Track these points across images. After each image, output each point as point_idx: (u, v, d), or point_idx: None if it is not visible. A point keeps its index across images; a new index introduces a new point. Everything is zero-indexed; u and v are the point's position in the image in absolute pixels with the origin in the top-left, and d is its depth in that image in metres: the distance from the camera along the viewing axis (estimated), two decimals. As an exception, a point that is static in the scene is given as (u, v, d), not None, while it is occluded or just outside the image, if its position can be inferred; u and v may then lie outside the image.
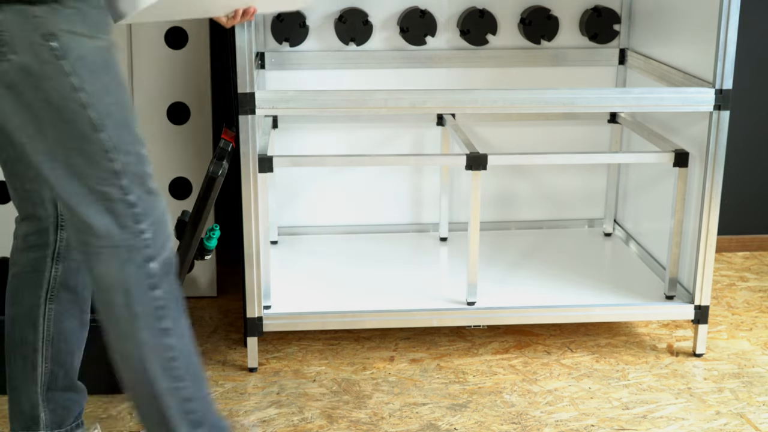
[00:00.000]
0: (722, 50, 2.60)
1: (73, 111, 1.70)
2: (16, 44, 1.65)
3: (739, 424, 2.47)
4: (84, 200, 1.75)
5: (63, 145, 1.72)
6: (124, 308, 1.79)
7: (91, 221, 1.76)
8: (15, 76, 1.67)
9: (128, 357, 1.81)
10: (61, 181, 1.74)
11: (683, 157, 2.74)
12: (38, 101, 1.69)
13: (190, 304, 3.18)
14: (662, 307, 2.81)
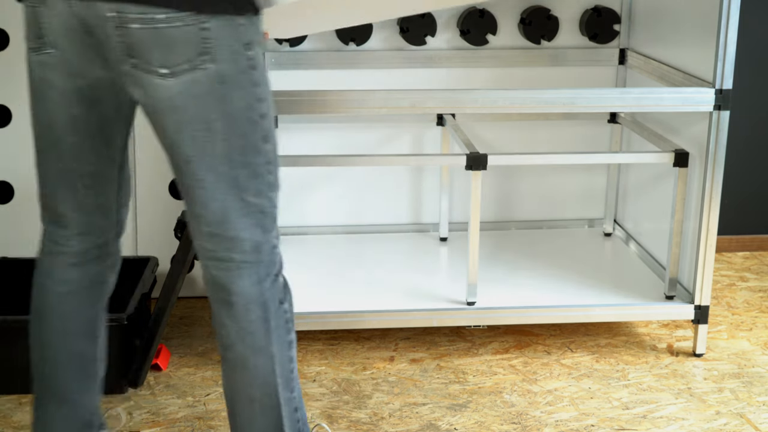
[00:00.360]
0: (722, 50, 2.60)
1: (252, 122, 1.72)
2: (218, 53, 1.65)
3: (739, 424, 2.47)
4: (239, 214, 1.75)
5: (230, 159, 1.72)
6: (262, 322, 1.80)
7: (243, 236, 1.76)
8: (207, 86, 1.66)
9: (258, 368, 1.82)
10: (222, 195, 1.73)
11: (683, 157, 2.74)
12: (220, 111, 1.68)
13: (190, 304, 3.18)
14: (662, 307, 2.81)
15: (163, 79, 1.64)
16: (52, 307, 1.94)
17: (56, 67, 1.73)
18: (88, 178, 1.85)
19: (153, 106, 1.69)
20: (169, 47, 1.62)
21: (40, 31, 1.72)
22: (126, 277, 2.89)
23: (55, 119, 1.79)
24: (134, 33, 1.62)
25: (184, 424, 2.45)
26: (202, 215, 1.76)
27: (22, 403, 2.54)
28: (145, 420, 2.46)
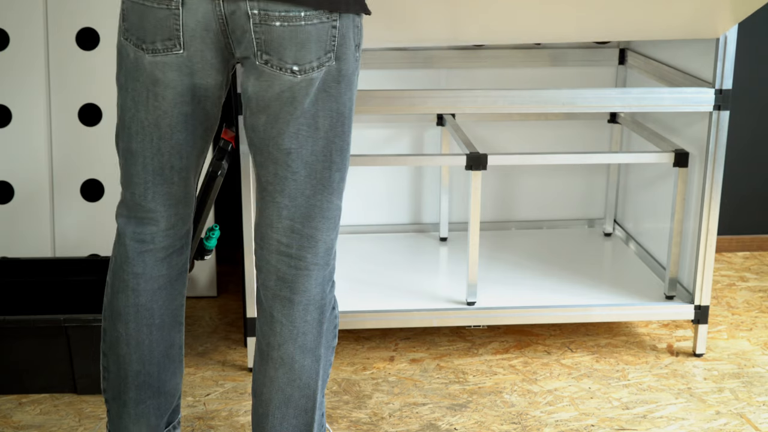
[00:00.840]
0: (722, 50, 2.60)
1: (347, 123, 1.78)
2: (340, 51, 1.72)
3: (739, 424, 2.47)
4: (323, 215, 1.80)
5: (327, 158, 1.77)
6: (317, 324, 1.84)
7: (319, 236, 1.81)
8: (325, 83, 1.72)
9: (304, 369, 1.84)
10: (311, 191, 1.78)
11: (683, 157, 2.74)
12: (329, 110, 1.74)
13: (190, 304, 3.18)
14: (662, 307, 2.81)
15: (293, 75, 1.70)
16: (145, 306, 1.95)
17: (179, 68, 1.76)
18: (184, 171, 1.90)
19: (273, 98, 1.73)
20: (304, 45, 1.68)
21: (171, 32, 1.73)
22: (126, 277, 2.89)
23: (167, 118, 1.82)
24: (274, 31, 1.68)
25: (184, 424, 2.45)
26: (287, 207, 1.79)
27: (22, 403, 2.54)
28: (145, 420, 2.46)
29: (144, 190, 1.89)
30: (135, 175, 1.89)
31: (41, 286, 2.89)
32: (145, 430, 2.00)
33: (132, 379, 1.98)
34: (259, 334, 1.88)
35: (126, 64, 1.81)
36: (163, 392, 2.01)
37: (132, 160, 1.88)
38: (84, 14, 3.06)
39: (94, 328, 2.52)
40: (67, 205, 3.14)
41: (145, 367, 1.98)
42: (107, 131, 3.11)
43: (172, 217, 1.93)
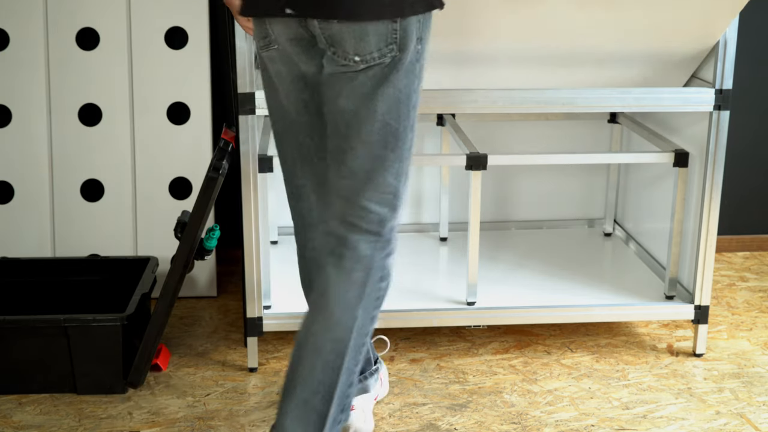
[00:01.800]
0: (722, 50, 2.60)
1: (407, 110, 1.93)
2: (402, 44, 1.88)
3: (739, 424, 2.47)
4: (376, 189, 1.95)
5: (384, 139, 1.92)
6: (360, 284, 1.97)
7: (372, 208, 1.96)
8: (385, 71, 1.88)
9: (340, 323, 1.96)
10: (368, 166, 1.94)
11: (683, 157, 2.74)
12: (388, 97, 1.90)
13: (190, 304, 3.18)
14: (662, 307, 2.81)
15: (355, 65, 1.89)
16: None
17: (283, 60, 2.00)
18: (321, 151, 2.09)
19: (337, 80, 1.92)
20: (363, 38, 1.86)
21: (266, 32, 1.99)
22: (126, 277, 2.90)
23: (289, 103, 2.05)
24: (334, 26, 1.87)
25: (184, 424, 2.45)
26: (345, 178, 1.96)
27: (22, 403, 2.54)
28: (145, 420, 2.46)
29: (293, 167, 2.15)
30: (285, 153, 2.15)
31: (41, 286, 2.89)
32: None
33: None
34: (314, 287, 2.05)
35: (259, 60, 2.09)
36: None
37: (279, 140, 2.14)
38: (84, 14, 3.06)
39: (94, 328, 2.52)
40: (67, 205, 3.14)
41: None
42: (107, 131, 3.11)
43: (323, 195, 2.13)
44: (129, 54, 3.08)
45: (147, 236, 3.17)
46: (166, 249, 3.09)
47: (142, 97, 3.10)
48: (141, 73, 3.09)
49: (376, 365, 2.39)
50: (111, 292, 2.90)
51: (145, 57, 3.08)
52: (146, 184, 3.15)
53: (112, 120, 3.11)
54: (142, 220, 3.16)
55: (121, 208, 3.15)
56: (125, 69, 3.08)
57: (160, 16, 3.07)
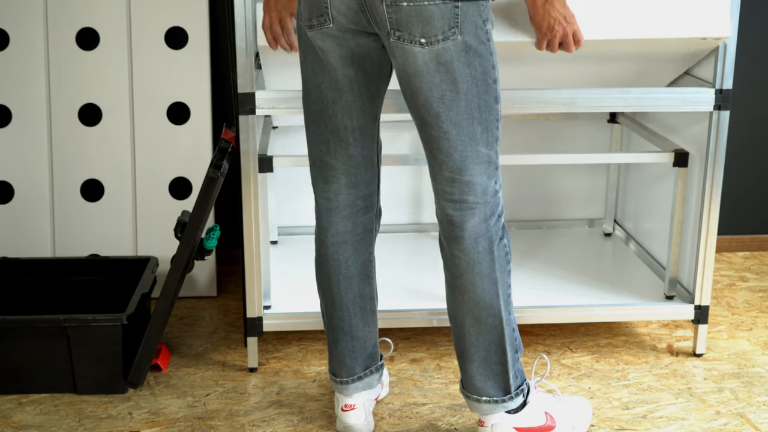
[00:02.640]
0: (722, 50, 2.60)
1: (488, 85, 2.04)
2: (464, 26, 1.98)
3: (739, 424, 2.47)
4: (473, 163, 2.08)
5: (470, 114, 2.04)
6: (487, 253, 2.13)
7: (475, 180, 2.09)
8: (453, 54, 1.98)
9: (485, 292, 2.15)
10: (461, 145, 2.06)
11: (683, 157, 2.74)
12: (465, 75, 2.01)
13: (190, 304, 3.18)
14: (662, 307, 2.80)
15: (422, 47, 1.98)
16: (332, 257, 2.29)
17: (334, 38, 2.08)
18: (358, 132, 2.20)
19: (411, 71, 2.01)
20: (428, 21, 1.96)
21: (323, 10, 2.06)
22: (126, 277, 2.90)
23: (335, 80, 2.13)
24: (402, 10, 1.96)
25: (184, 424, 2.45)
26: (446, 162, 2.09)
27: (22, 403, 2.54)
28: (145, 420, 2.46)
29: (326, 148, 2.21)
30: (319, 134, 2.21)
31: (41, 286, 2.89)
32: (342, 369, 2.35)
33: (329, 321, 2.35)
34: (445, 269, 2.20)
35: (302, 40, 2.16)
36: (356, 337, 2.34)
37: (315, 120, 2.20)
38: (84, 14, 3.06)
39: (94, 328, 2.52)
40: (67, 205, 3.14)
41: (337, 311, 2.32)
42: (107, 131, 3.11)
43: (353, 177, 2.24)
44: (129, 54, 3.08)
45: (147, 236, 3.17)
46: (166, 249, 3.09)
47: (142, 97, 3.10)
48: (141, 73, 3.09)
49: (381, 360, 2.43)
50: (111, 292, 2.90)
51: (145, 57, 3.08)
52: (146, 184, 3.15)
53: (112, 120, 3.11)
54: (142, 220, 3.16)
55: (121, 208, 3.15)
56: (125, 69, 3.08)
57: (160, 16, 3.07)
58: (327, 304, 2.34)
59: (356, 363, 2.35)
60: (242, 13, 2.45)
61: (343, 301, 2.31)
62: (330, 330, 2.35)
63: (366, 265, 2.32)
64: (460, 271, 2.15)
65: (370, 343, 2.37)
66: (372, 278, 2.35)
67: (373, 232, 2.33)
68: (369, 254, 2.33)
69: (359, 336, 2.34)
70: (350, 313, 2.32)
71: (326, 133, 2.20)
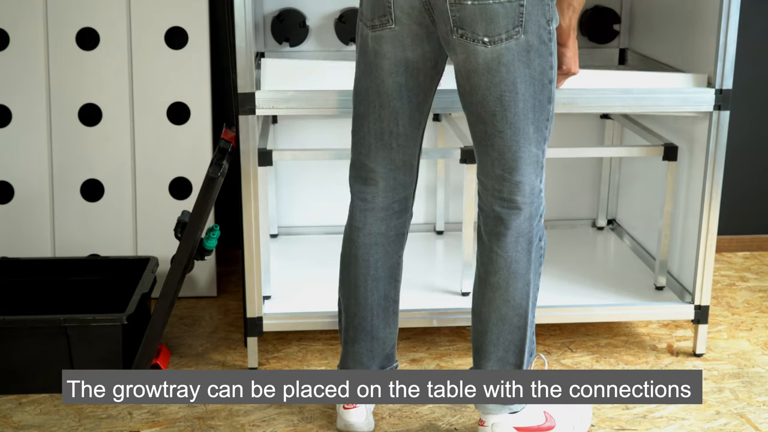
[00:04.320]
0: (722, 50, 2.60)
1: (544, 85, 2.05)
2: (528, 25, 1.98)
3: (739, 424, 2.47)
4: (525, 163, 2.08)
5: (525, 115, 2.04)
6: (526, 253, 2.15)
7: (525, 180, 2.09)
8: (516, 53, 1.98)
9: (517, 291, 2.16)
10: (515, 144, 2.05)
11: (672, 151, 2.75)
12: (524, 75, 2.01)
13: (190, 304, 3.18)
14: (662, 307, 2.81)
15: (484, 46, 1.98)
16: (362, 257, 2.29)
17: (393, 41, 2.09)
18: (402, 138, 2.20)
19: (471, 68, 2.01)
20: (492, 20, 1.96)
21: (386, 9, 2.07)
22: (126, 277, 2.90)
23: (384, 86, 2.14)
24: (467, 8, 1.97)
25: (184, 424, 2.45)
26: (498, 160, 2.09)
27: (22, 403, 2.54)
28: (145, 420, 2.46)
29: (368, 151, 2.22)
30: (362, 137, 2.22)
31: (41, 286, 2.89)
32: (357, 368, 2.35)
33: (350, 320, 2.33)
34: (479, 263, 2.20)
35: (359, 41, 2.17)
36: (376, 338, 2.33)
37: (360, 123, 2.22)
38: (84, 14, 3.06)
39: (94, 328, 2.52)
40: (67, 205, 3.14)
41: (360, 311, 2.31)
42: (107, 131, 3.11)
43: (391, 180, 2.24)
44: (129, 54, 3.08)
45: (147, 236, 3.17)
46: (166, 249, 3.09)
47: (142, 97, 3.10)
48: (141, 73, 3.09)
49: (396, 363, 2.43)
50: (111, 292, 2.90)
51: (145, 57, 3.08)
52: (146, 184, 3.15)
53: (112, 120, 3.11)
54: (142, 220, 3.16)
55: (121, 208, 3.15)
56: (125, 69, 3.08)
57: (160, 16, 3.07)
58: (350, 303, 2.33)
59: (373, 363, 2.35)
60: (242, 13, 2.45)
61: (368, 302, 2.31)
62: (349, 329, 2.34)
63: (394, 268, 2.33)
64: (496, 267, 2.15)
65: (389, 345, 2.37)
66: (398, 281, 2.35)
67: (404, 236, 2.33)
68: (398, 257, 2.33)
69: (380, 337, 2.34)
70: (373, 314, 2.32)
71: (369, 137, 2.21)
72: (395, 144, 2.20)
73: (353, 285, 2.31)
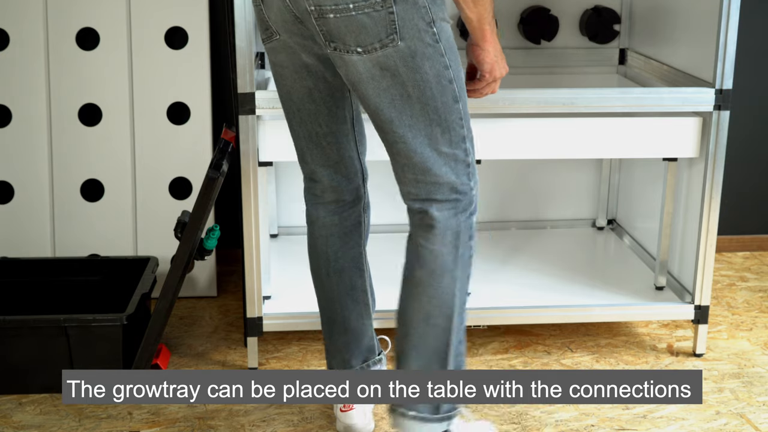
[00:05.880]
0: (722, 50, 2.60)
1: (443, 86, 1.97)
2: (404, 31, 1.90)
3: (739, 424, 2.47)
4: (436, 164, 2.01)
5: (427, 117, 1.98)
6: (453, 248, 2.07)
7: (441, 180, 2.03)
8: (397, 60, 1.92)
9: (442, 288, 2.07)
10: (420, 147, 2.00)
11: (672, 151, 2.76)
12: (413, 80, 1.94)
13: (190, 304, 3.18)
14: (662, 307, 2.81)
15: (359, 56, 1.92)
16: (321, 249, 2.29)
17: (285, 50, 2.07)
18: (330, 136, 2.17)
19: (355, 79, 1.96)
20: (361, 31, 1.90)
21: (266, 23, 2.06)
22: (126, 277, 2.90)
23: (294, 92, 2.13)
24: (331, 22, 1.91)
25: (184, 424, 2.45)
26: (407, 165, 2.04)
27: (22, 403, 2.54)
28: (145, 420, 2.46)
29: (303, 153, 2.22)
30: (296, 139, 2.22)
31: (41, 286, 2.89)
32: (339, 363, 2.35)
33: (322, 314, 2.34)
34: (406, 263, 2.13)
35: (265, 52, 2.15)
36: (348, 329, 2.32)
37: (290, 126, 2.21)
38: (84, 14, 3.06)
39: (94, 328, 2.52)
40: (67, 205, 3.14)
41: (329, 304, 2.32)
42: (107, 131, 3.11)
43: (333, 176, 2.22)
44: (129, 54, 3.08)
45: (147, 236, 3.17)
46: (166, 249, 3.09)
47: (142, 97, 3.10)
48: (141, 73, 3.09)
49: (380, 355, 2.42)
50: (111, 292, 2.90)
51: (145, 57, 3.08)
52: (146, 184, 3.15)
53: (112, 120, 3.11)
54: (142, 220, 3.16)
55: (121, 208, 3.15)
56: (125, 69, 3.08)
57: (160, 16, 3.07)
58: (319, 296, 2.34)
59: (352, 356, 2.34)
60: (242, 14, 2.45)
61: (334, 293, 2.30)
62: (324, 324, 2.35)
63: (357, 258, 2.31)
64: (421, 262, 2.08)
65: (365, 336, 2.35)
66: (364, 271, 2.33)
67: (361, 225, 2.31)
68: (359, 247, 2.31)
69: (352, 328, 2.32)
70: (341, 305, 2.31)
71: (300, 139, 2.21)
72: (325, 143, 2.18)
73: (318, 278, 2.32)
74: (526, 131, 2.68)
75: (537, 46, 3.27)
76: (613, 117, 2.67)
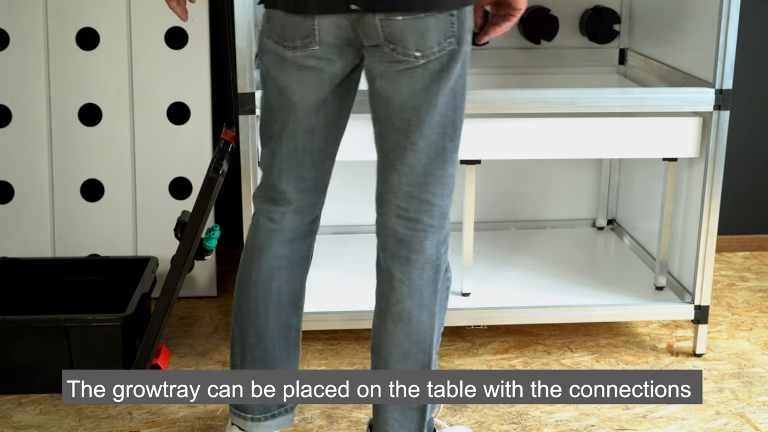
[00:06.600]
0: (722, 50, 2.60)
1: (463, 99, 1.94)
2: (460, 36, 1.88)
3: (739, 424, 2.47)
4: (438, 181, 1.95)
5: (442, 130, 1.92)
6: (432, 283, 1.99)
7: (435, 201, 1.96)
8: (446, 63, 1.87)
9: (420, 323, 1.99)
10: (427, 160, 1.92)
11: (672, 151, 2.76)
12: (447, 87, 1.89)
13: (190, 304, 3.18)
14: (662, 307, 2.81)
15: (416, 60, 1.86)
16: (263, 282, 2.13)
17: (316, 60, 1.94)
18: (317, 154, 2.06)
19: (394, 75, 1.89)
20: (424, 34, 1.85)
21: (309, 31, 1.92)
22: (126, 277, 2.90)
23: (302, 103, 1.99)
24: (397, 24, 1.85)
25: (184, 424, 2.45)
26: (406, 174, 1.94)
27: (22, 403, 2.54)
28: (145, 420, 2.46)
29: (279, 171, 2.06)
30: (272, 156, 2.07)
31: (41, 286, 2.89)
32: (257, 405, 2.16)
33: (248, 351, 2.14)
34: (378, 293, 2.03)
35: (268, 57, 2.01)
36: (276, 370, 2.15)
37: (272, 142, 2.06)
38: (84, 14, 3.06)
39: (94, 328, 2.52)
40: (67, 205, 3.14)
41: (261, 341, 2.13)
42: (107, 131, 3.11)
43: (302, 201, 2.09)
44: (129, 54, 3.08)
45: (147, 236, 3.17)
46: (166, 249, 3.09)
47: (142, 97, 3.10)
48: (141, 73, 3.09)
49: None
50: (111, 292, 2.90)
51: (145, 57, 3.08)
52: (146, 184, 3.15)
53: (112, 120, 3.11)
54: (142, 220, 3.16)
55: (121, 208, 3.15)
56: (125, 69, 3.08)
57: (160, 16, 3.07)
58: (247, 332, 2.15)
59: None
60: (242, 13, 2.45)
61: (268, 332, 2.14)
62: (246, 361, 2.16)
63: (297, 294, 2.18)
64: (399, 297, 1.98)
65: None
66: (300, 309, 2.20)
67: (309, 260, 2.19)
68: (301, 283, 2.19)
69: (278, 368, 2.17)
70: (274, 345, 2.15)
71: (282, 155, 2.06)
72: (309, 161, 2.06)
73: (252, 312, 2.13)
74: (526, 131, 2.68)
75: (537, 46, 3.27)
76: (613, 117, 2.67)
